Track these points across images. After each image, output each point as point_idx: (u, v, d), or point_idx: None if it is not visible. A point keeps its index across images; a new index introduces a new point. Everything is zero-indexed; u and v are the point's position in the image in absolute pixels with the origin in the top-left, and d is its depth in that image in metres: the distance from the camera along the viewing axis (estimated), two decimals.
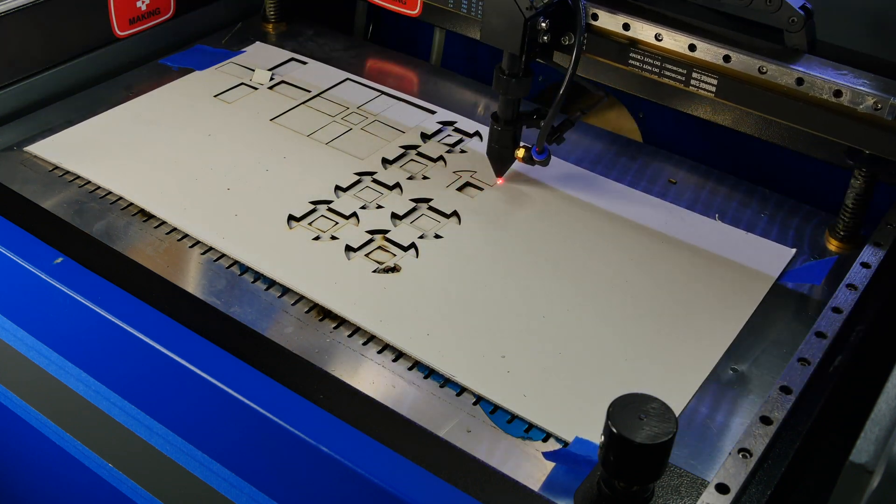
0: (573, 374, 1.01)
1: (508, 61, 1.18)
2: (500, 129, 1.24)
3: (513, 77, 1.19)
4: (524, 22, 1.13)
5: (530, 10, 1.13)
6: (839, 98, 1.11)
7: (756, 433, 0.92)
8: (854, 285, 1.10)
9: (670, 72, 1.21)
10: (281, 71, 1.50)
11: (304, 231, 1.18)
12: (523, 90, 1.20)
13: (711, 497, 0.86)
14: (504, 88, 1.20)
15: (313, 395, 0.95)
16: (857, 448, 0.71)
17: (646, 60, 1.22)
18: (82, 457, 1.15)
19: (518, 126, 1.24)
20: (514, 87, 1.19)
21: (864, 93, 1.09)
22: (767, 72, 1.14)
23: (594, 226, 1.22)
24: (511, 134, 1.24)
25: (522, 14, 1.13)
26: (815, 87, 1.12)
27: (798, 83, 1.13)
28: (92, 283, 1.05)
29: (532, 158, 1.24)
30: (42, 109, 1.39)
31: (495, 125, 1.24)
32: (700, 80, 1.19)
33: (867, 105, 1.10)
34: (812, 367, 0.99)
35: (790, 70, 1.13)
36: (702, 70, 1.18)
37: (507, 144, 1.25)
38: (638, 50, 1.22)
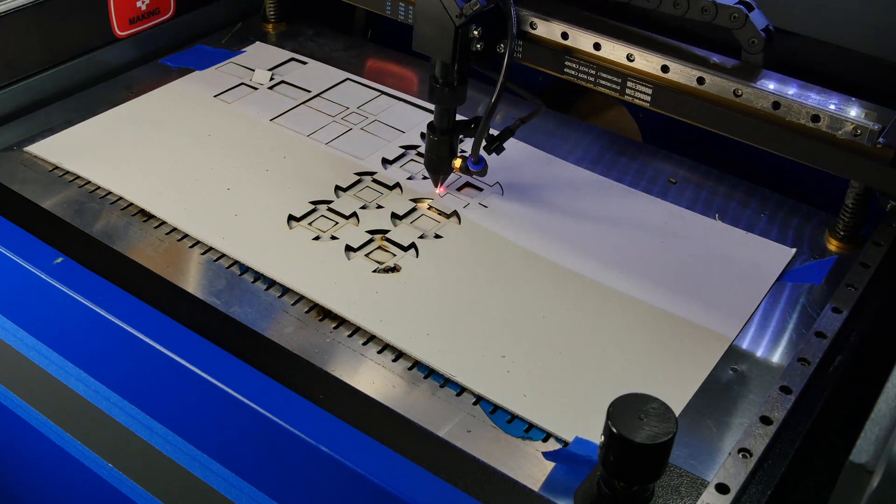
0: (573, 374, 1.01)
1: (441, 70, 1.16)
2: (436, 140, 1.21)
3: (446, 86, 1.16)
4: (455, 30, 1.10)
5: (460, 18, 1.10)
6: (817, 123, 1.09)
7: (756, 433, 0.92)
8: (854, 285, 1.10)
9: (605, 80, 1.20)
10: (281, 71, 1.50)
11: (304, 231, 1.18)
12: (458, 99, 1.17)
13: (711, 497, 0.86)
14: (438, 98, 1.17)
15: (313, 395, 0.95)
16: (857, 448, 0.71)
17: (581, 69, 1.21)
18: (82, 457, 1.15)
19: (454, 136, 1.21)
20: (447, 96, 1.17)
21: (843, 118, 1.07)
22: (743, 95, 1.12)
23: (594, 226, 1.22)
24: (448, 144, 1.21)
25: (452, 22, 1.10)
26: (791, 112, 1.10)
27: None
28: (92, 283, 1.05)
29: (468, 168, 1.21)
30: (42, 109, 1.39)
31: (431, 135, 1.21)
32: (635, 88, 1.18)
33: (846, 131, 1.07)
34: (812, 367, 0.99)
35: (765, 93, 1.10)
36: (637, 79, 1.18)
37: (444, 154, 1.21)
38: (573, 58, 1.20)
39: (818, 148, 1.10)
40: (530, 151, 1.36)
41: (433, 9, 1.11)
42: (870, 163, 1.09)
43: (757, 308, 1.11)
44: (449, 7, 1.10)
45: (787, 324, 1.09)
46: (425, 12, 1.12)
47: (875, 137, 1.06)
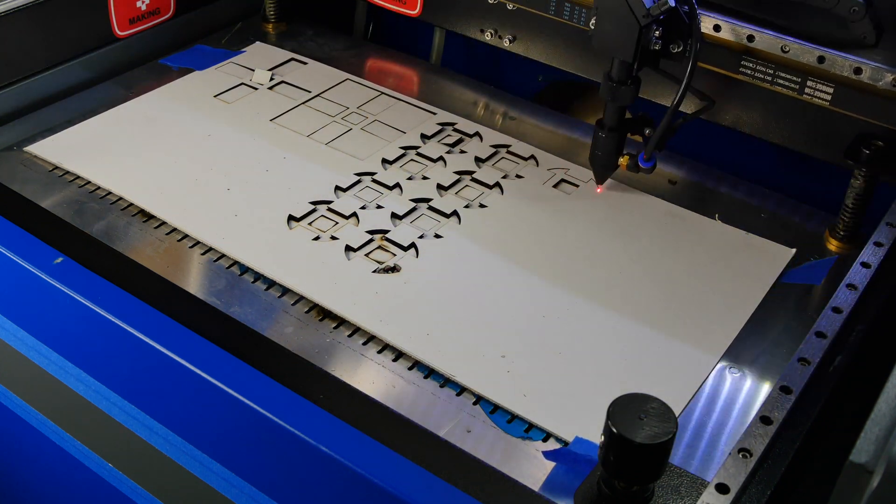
0: (573, 374, 1.01)
1: (619, 69, 1.15)
2: (604, 136, 1.21)
3: (621, 84, 1.16)
4: (639, 30, 1.10)
5: (646, 18, 1.10)
6: (859, 75, 1.13)
7: (756, 433, 0.92)
8: (854, 285, 1.10)
9: (784, 80, 1.21)
10: (281, 71, 1.50)
11: (304, 231, 1.18)
12: (630, 97, 1.17)
13: (711, 497, 0.86)
14: (612, 95, 1.17)
15: (313, 395, 0.95)
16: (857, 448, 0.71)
17: (758, 69, 1.22)
18: (82, 457, 1.15)
19: (622, 133, 1.21)
20: (622, 94, 1.17)
21: (884, 69, 1.12)
22: (790, 51, 1.16)
23: (594, 226, 1.22)
24: (615, 141, 1.21)
25: (638, 22, 1.10)
26: (836, 65, 1.14)
27: (819, 61, 1.15)
28: (92, 283, 1.05)
29: (638, 166, 1.21)
30: (42, 109, 1.39)
31: (600, 132, 1.21)
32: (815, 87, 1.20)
33: (886, 81, 1.12)
34: (812, 367, 0.99)
35: (811, 49, 1.15)
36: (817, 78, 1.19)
37: (611, 152, 1.22)
38: (751, 58, 1.22)
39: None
40: (533, 151, 1.36)
41: (617, 8, 1.10)
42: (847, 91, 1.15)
43: (757, 308, 1.11)
44: (635, 7, 1.09)
45: (787, 324, 1.09)
46: (610, 12, 1.11)
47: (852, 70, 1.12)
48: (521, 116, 1.45)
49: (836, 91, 1.19)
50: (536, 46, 1.44)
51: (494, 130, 1.39)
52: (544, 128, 1.43)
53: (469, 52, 1.72)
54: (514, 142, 1.37)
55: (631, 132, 1.22)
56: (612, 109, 1.19)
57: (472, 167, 1.32)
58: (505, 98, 1.49)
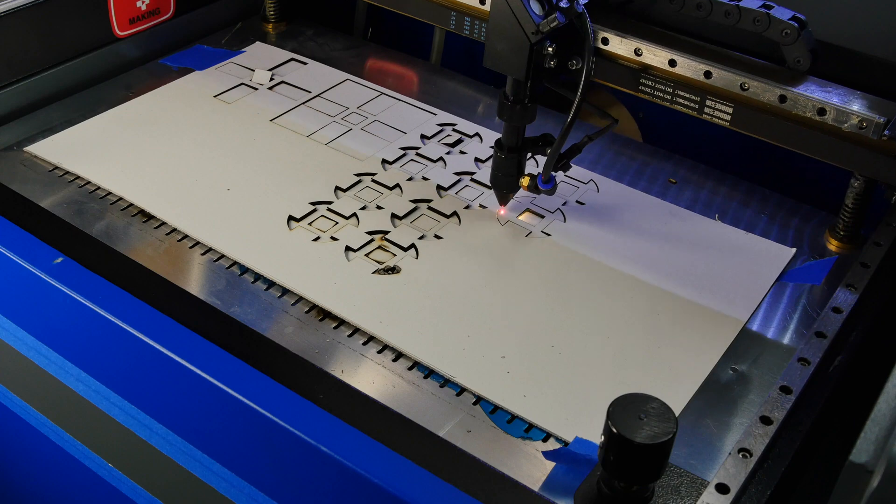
0: (573, 374, 1.01)
1: (513, 87, 1.12)
2: (503, 157, 1.17)
3: (517, 104, 1.13)
4: (530, 47, 1.07)
5: (536, 35, 1.06)
6: (823, 116, 1.10)
7: (756, 433, 0.92)
8: (854, 285, 1.10)
9: (683, 99, 1.18)
10: (281, 71, 1.50)
11: (304, 231, 1.18)
12: (529, 117, 1.14)
13: (711, 497, 0.86)
14: (508, 115, 1.14)
15: (313, 395, 0.95)
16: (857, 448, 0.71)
17: (657, 87, 1.19)
18: (82, 457, 1.15)
19: (523, 154, 1.18)
20: (518, 113, 1.13)
21: (849, 112, 1.08)
22: (749, 88, 1.13)
23: (594, 226, 1.22)
24: (515, 162, 1.17)
25: (528, 39, 1.06)
26: (798, 105, 1.11)
27: (781, 100, 1.12)
28: (92, 283, 1.05)
29: (537, 187, 1.17)
30: (42, 109, 1.39)
31: (499, 153, 1.18)
32: (714, 107, 1.16)
33: (852, 124, 1.08)
34: (812, 367, 0.99)
35: (773, 87, 1.12)
36: (716, 98, 1.16)
37: (512, 173, 1.18)
38: (649, 76, 1.19)
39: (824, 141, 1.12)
40: None
41: (507, 25, 1.07)
42: (875, 155, 1.10)
43: (757, 308, 1.11)
44: (524, 23, 1.06)
45: (787, 324, 1.09)
46: (499, 28, 1.08)
47: (881, 130, 1.07)
48: None
49: (735, 111, 1.16)
50: None
51: (494, 131, 1.39)
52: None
53: (469, 52, 1.72)
54: None
55: (532, 152, 1.18)
56: (509, 129, 1.16)
57: (472, 168, 1.32)
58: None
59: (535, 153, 1.19)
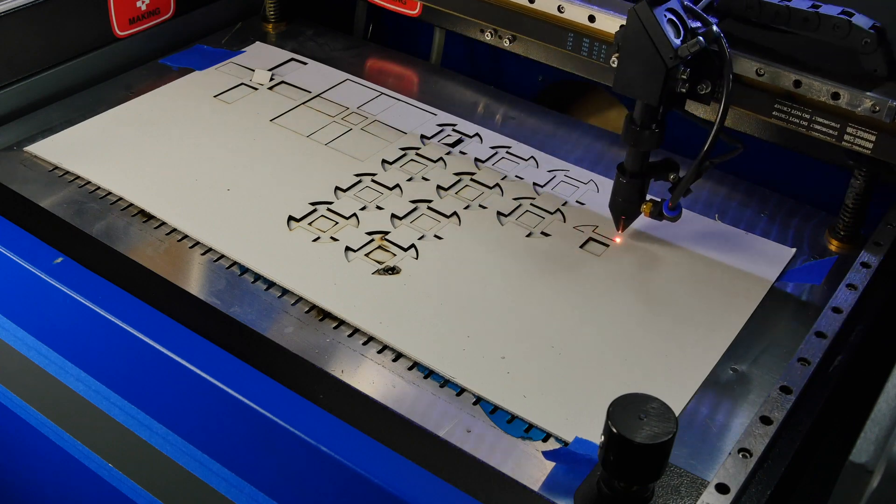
0: (573, 374, 1.01)
1: (643, 112, 1.08)
2: (625, 182, 1.13)
3: (646, 129, 1.08)
4: (665, 72, 1.02)
5: (674, 60, 1.01)
6: (837, 100, 1.09)
7: (756, 433, 0.92)
8: (854, 285, 1.10)
9: (821, 125, 1.13)
10: (281, 71, 1.50)
11: (303, 232, 1.18)
12: (655, 142, 1.10)
13: (711, 497, 0.86)
14: (635, 140, 1.09)
15: (313, 395, 0.95)
16: (857, 448, 0.71)
17: (793, 113, 1.14)
18: (82, 457, 1.15)
19: (645, 179, 1.14)
20: (646, 139, 1.09)
21: (862, 95, 1.07)
22: (765, 74, 1.12)
23: (594, 226, 1.22)
24: (638, 187, 1.14)
25: (664, 63, 1.02)
26: (812, 90, 1.10)
27: (796, 85, 1.11)
28: (92, 283, 1.05)
29: (662, 214, 1.14)
30: (42, 109, 1.39)
31: (621, 177, 1.14)
32: (855, 134, 1.11)
33: (865, 107, 1.08)
34: (812, 367, 0.99)
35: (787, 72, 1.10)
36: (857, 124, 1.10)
37: (633, 199, 1.15)
38: (785, 102, 1.14)
39: None
40: (533, 152, 1.36)
41: (642, 49, 1.03)
42: (889, 138, 1.09)
43: (757, 308, 1.11)
44: (662, 48, 1.02)
45: (787, 324, 1.09)
46: (632, 52, 1.04)
47: (893, 113, 1.06)
48: (521, 116, 1.45)
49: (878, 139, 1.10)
50: (536, 46, 1.44)
51: (494, 131, 1.39)
52: (544, 128, 1.43)
53: (469, 52, 1.72)
54: (514, 143, 1.37)
55: (655, 177, 1.14)
56: (634, 154, 1.12)
57: (472, 168, 1.32)
58: (505, 98, 1.49)
59: (657, 179, 1.15)
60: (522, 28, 1.33)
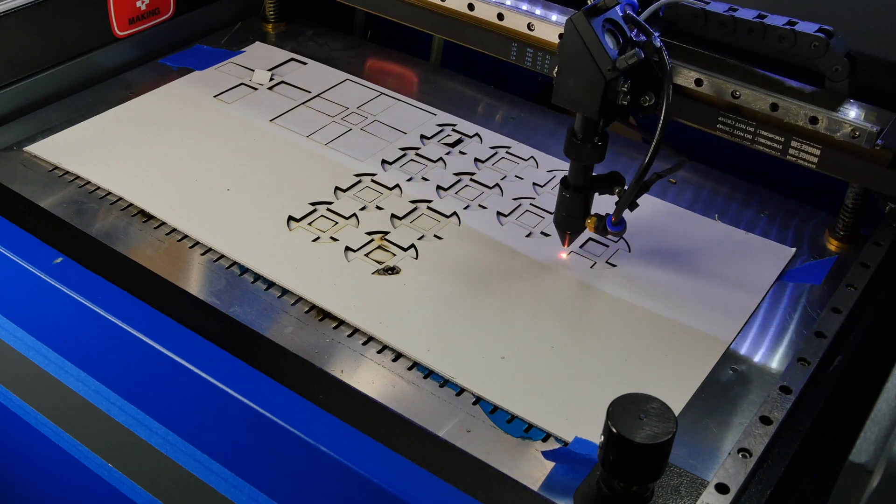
0: (573, 374, 1.01)
1: (584, 125, 1.06)
2: (569, 197, 1.11)
3: (587, 142, 1.06)
4: (604, 84, 1.00)
5: (612, 72, 0.99)
6: (815, 125, 1.07)
7: (756, 433, 0.92)
8: (854, 285, 1.10)
9: (764, 139, 1.12)
10: (280, 71, 1.50)
11: (303, 232, 1.18)
12: (599, 156, 1.08)
13: (711, 497, 0.86)
14: (577, 154, 1.07)
15: (313, 395, 0.95)
16: (857, 448, 0.71)
17: (737, 126, 1.13)
18: (82, 457, 1.15)
19: (589, 193, 1.12)
20: (588, 152, 1.07)
21: (841, 120, 1.06)
22: (741, 96, 1.10)
23: None
24: (582, 202, 1.11)
25: (603, 76, 1.00)
26: (790, 114, 1.09)
27: (773, 108, 1.09)
28: (92, 283, 1.05)
29: (606, 229, 1.11)
30: (42, 109, 1.39)
31: (564, 192, 1.11)
32: (800, 149, 1.10)
33: (844, 133, 1.06)
34: (812, 367, 0.99)
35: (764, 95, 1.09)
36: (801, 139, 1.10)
37: (578, 214, 1.12)
38: (729, 115, 1.13)
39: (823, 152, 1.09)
40: (532, 152, 1.36)
41: (580, 61, 1.01)
42: (868, 165, 1.08)
43: (757, 308, 1.11)
44: (599, 60, 0.99)
45: (787, 324, 1.09)
46: (571, 64, 1.02)
47: (873, 139, 1.05)
48: (520, 117, 1.45)
49: (822, 153, 1.10)
50: None
51: (494, 131, 1.39)
52: (544, 128, 1.43)
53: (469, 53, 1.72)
54: (514, 143, 1.37)
55: (599, 191, 1.11)
56: (577, 168, 1.09)
57: (472, 168, 1.32)
58: (505, 98, 1.49)
59: (601, 193, 1.12)
60: (467, 38, 1.34)
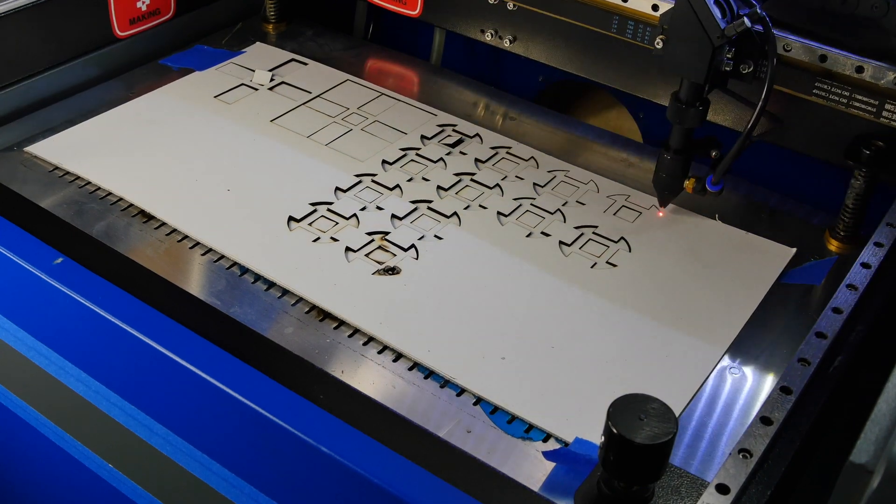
0: (573, 374, 1.01)
1: (689, 90, 1.12)
2: (669, 159, 1.18)
3: (691, 107, 1.13)
4: (712, 50, 1.07)
5: (721, 39, 1.06)
6: (861, 74, 1.13)
7: (756, 433, 0.92)
8: (854, 285, 1.10)
9: (860, 102, 1.17)
10: (281, 72, 1.50)
11: (304, 232, 1.18)
12: (699, 120, 1.14)
13: (711, 497, 0.86)
14: (680, 118, 1.14)
15: (313, 395, 0.95)
16: (857, 448, 0.71)
17: (832, 91, 1.18)
18: (82, 457, 1.15)
19: (688, 156, 1.18)
20: (691, 116, 1.13)
21: (886, 68, 1.11)
22: (792, 50, 1.15)
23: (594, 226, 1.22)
24: (681, 164, 1.18)
25: (711, 42, 1.06)
26: (837, 64, 1.14)
27: (821, 60, 1.14)
28: (92, 283, 1.05)
29: (706, 189, 1.18)
30: (42, 109, 1.39)
31: (665, 154, 1.18)
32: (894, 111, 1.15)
33: (888, 80, 1.11)
34: (812, 367, 0.99)
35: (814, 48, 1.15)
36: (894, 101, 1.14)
37: (677, 175, 1.19)
38: (825, 80, 1.18)
39: None
40: (532, 152, 1.36)
41: (690, 27, 1.07)
42: None
43: (757, 308, 1.11)
44: (709, 27, 1.06)
45: (787, 324, 1.09)
46: (680, 31, 1.08)
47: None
48: (521, 117, 1.45)
49: None
50: (536, 46, 1.44)
51: (494, 132, 1.39)
52: (544, 128, 1.43)
53: (469, 53, 1.72)
54: (514, 143, 1.37)
55: (697, 154, 1.18)
56: (679, 131, 1.16)
57: (472, 168, 1.32)
58: (505, 98, 1.49)
59: (700, 156, 1.18)
60: (566, 11, 1.38)
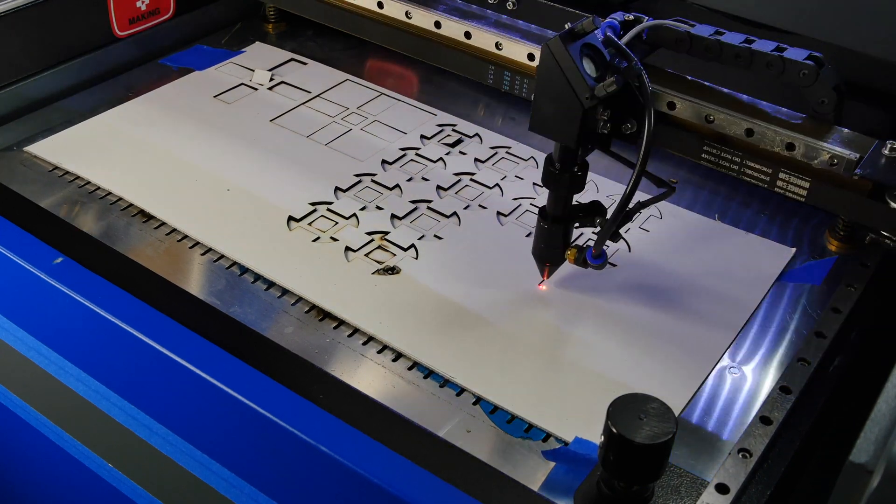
0: (573, 374, 1.01)
1: (561, 154, 1.01)
2: (547, 228, 1.06)
3: (566, 172, 1.02)
4: (582, 112, 0.96)
5: (591, 100, 0.95)
6: (792, 152, 1.05)
7: (756, 433, 0.92)
8: (854, 285, 1.10)
9: (751, 170, 1.08)
10: (281, 71, 1.50)
11: (303, 232, 1.18)
12: (578, 186, 1.03)
13: (711, 497, 0.86)
14: (555, 184, 1.03)
15: (313, 395, 0.95)
16: (857, 448, 0.71)
17: (723, 156, 1.09)
18: (82, 457, 1.15)
19: (569, 224, 1.07)
20: (567, 182, 1.03)
21: (819, 147, 1.02)
22: (714, 120, 1.07)
23: None
24: (561, 233, 1.06)
25: (581, 104, 0.95)
26: (766, 139, 1.06)
27: (748, 134, 1.06)
28: (92, 283, 1.05)
29: (586, 262, 1.05)
30: (42, 109, 1.39)
31: (542, 223, 1.07)
32: (788, 180, 1.06)
33: (822, 160, 1.02)
34: (812, 367, 0.99)
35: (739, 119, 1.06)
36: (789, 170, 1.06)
37: (556, 245, 1.07)
38: (714, 144, 1.09)
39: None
40: (532, 152, 1.36)
41: (558, 87, 0.96)
42: (847, 194, 1.04)
43: (757, 308, 1.11)
44: (577, 88, 0.95)
45: (787, 324, 1.09)
46: (548, 91, 0.97)
47: (852, 168, 1.01)
48: (520, 117, 1.45)
49: (811, 186, 1.06)
50: None
51: (494, 131, 1.39)
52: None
53: None
54: (514, 143, 1.37)
55: (579, 222, 1.07)
56: (556, 198, 1.05)
57: (472, 168, 1.32)
58: (505, 98, 1.49)
59: (582, 224, 1.07)
60: (440, 59, 1.33)
